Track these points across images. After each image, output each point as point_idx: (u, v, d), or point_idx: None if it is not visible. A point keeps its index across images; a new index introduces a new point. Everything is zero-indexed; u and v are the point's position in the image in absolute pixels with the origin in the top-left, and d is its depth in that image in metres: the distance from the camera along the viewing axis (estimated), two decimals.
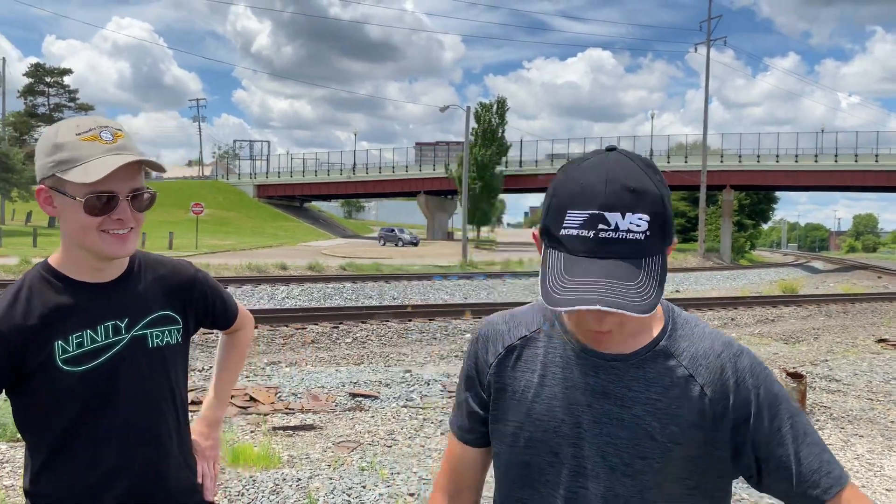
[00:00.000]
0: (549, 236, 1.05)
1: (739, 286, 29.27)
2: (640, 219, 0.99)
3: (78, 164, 1.41)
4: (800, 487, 1.11)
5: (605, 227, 0.98)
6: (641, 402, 1.12)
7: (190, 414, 1.82)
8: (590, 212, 0.99)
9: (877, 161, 49.26)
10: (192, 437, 1.80)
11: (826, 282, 34.44)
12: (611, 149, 1.06)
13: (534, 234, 1.14)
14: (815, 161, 50.54)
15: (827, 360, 10.42)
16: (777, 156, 51.73)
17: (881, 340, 12.75)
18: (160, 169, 1.55)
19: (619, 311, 0.95)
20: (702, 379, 1.13)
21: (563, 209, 1.02)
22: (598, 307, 0.95)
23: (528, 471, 1.19)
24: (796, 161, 51.07)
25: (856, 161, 49.68)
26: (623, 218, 0.98)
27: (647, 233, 0.99)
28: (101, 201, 1.43)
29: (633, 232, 0.98)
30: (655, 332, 1.16)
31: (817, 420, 6.81)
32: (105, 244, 1.46)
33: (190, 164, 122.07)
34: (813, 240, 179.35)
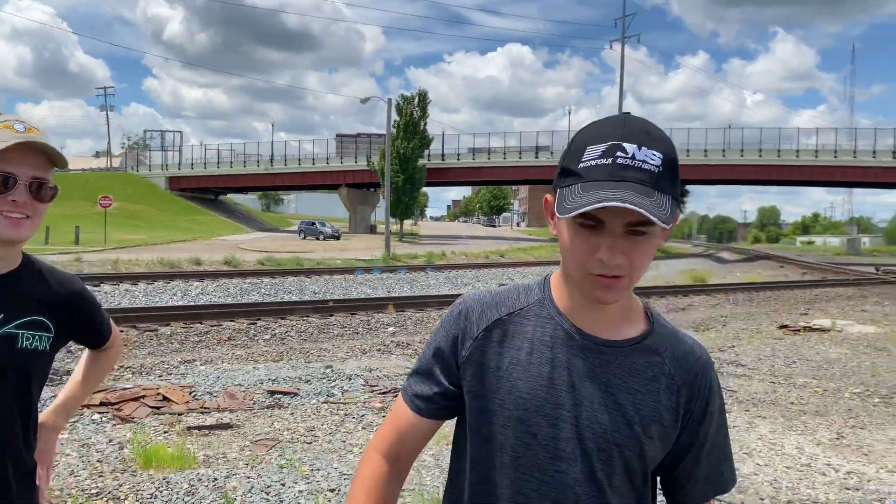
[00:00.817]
0: (566, 173, 1.07)
1: (652, 276, 30.29)
2: (655, 154, 1.03)
3: None
4: (680, 489, 1.25)
5: (623, 155, 1.02)
6: (625, 391, 1.14)
7: (94, 412, 1.74)
8: (609, 143, 1.04)
9: (779, 156, 51.96)
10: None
11: (733, 271, 36.10)
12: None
13: (546, 199, 1.16)
14: (723, 156, 52.87)
15: (734, 346, 10.92)
16: (688, 151, 53.77)
17: (783, 326, 13.46)
18: (62, 163, 1.56)
19: (642, 210, 0.98)
20: (680, 379, 1.17)
21: (583, 146, 1.06)
22: (619, 204, 0.98)
23: (504, 450, 1.17)
24: (706, 156, 53.27)
25: (760, 156, 52.25)
26: (640, 150, 1.03)
27: (661, 168, 1.03)
28: None
29: (648, 163, 1.02)
30: (643, 327, 1.19)
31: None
32: None
33: (97, 154, 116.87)
34: (721, 231, 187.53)
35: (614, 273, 1.05)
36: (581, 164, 1.04)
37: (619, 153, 1.02)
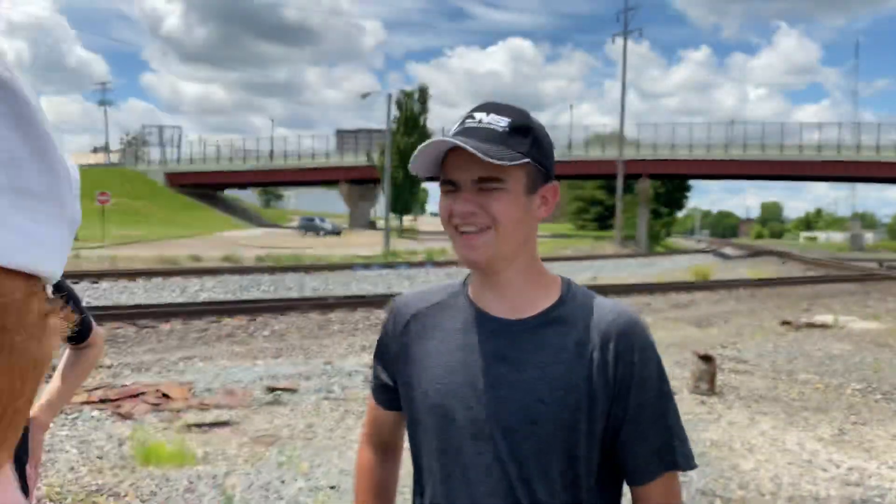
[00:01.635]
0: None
1: (655, 273, 30.27)
2: (502, 119, 1.13)
3: None
4: (626, 467, 1.21)
5: (471, 120, 1.15)
6: (533, 366, 1.15)
7: (94, 409, 1.72)
8: (464, 116, 1.17)
9: (781, 151, 51.82)
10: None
11: (736, 267, 36.04)
12: None
13: None
14: (726, 151, 52.71)
15: (735, 343, 10.90)
16: (690, 146, 53.64)
17: (785, 322, 13.44)
18: None
19: (459, 142, 1.08)
20: (591, 346, 1.16)
21: (448, 132, 1.18)
22: (444, 139, 1.10)
23: (431, 435, 1.20)
24: (708, 151, 53.11)
25: (763, 151, 52.11)
26: (487, 115, 1.14)
27: (507, 129, 1.12)
28: None
29: (493, 125, 1.12)
30: (552, 300, 1.20)
31: (726, 399, 7.10)
32: None
33: (95, 150, 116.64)
34: (724, 227, 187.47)
35: (469, 223, 1.12)
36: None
37: (468, 120, 1.15)
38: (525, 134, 1.13)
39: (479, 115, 1.13)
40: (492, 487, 1.14)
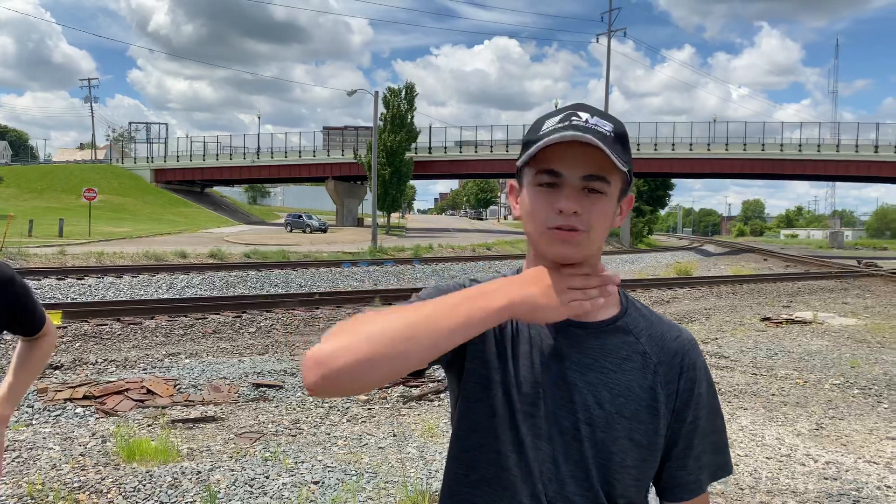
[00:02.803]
0: (528, 145, 1.13)
1: (638, 269, 30.47)
2: (606, 123, 1.11)
3: None
4: (667, 482, 1.21)
5: (577, 119, 1.10)
6: (595, 370, 1.15)
7: (78, 406, 1.74)
8: (564, 113, 1.13)
9: (763, 150, 52.23)
10: None
11: (717, 264, 36.32)
12: None
13: (510, 184, 1.22)
14: (708, 150, 53.04)
15: (717, 339, 11.02)
16: (673, 144, 53.95)
17: (765, 319, 13.59)
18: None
19: (600, 144, 1.05)
20: (656, 358, 1.17)
21: (541, 122, 1.14)
22: (579, 134, 1.05)
23: (491, 424, 1.16)
24: (691, 149, 53.43)
25: (744, 150, 52.48)
26: (592, 117, 1.11)
27: (613, 135, 1.10)
28: None
29: (601, 128, 1.09)
30: (615, 310, 1.20)
31: None
32: None
33: (82, 147, 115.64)
34: (706, 224, 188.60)
35: (572, 224, 1.08)
36: (540, 132, 1.11)
37: (573, 118, 1.10)
38: (625, 142, 1.12)
39: (583, 115, 1.11)
40: (543, 487, 1.14)
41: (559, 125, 1.09)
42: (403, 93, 52.62)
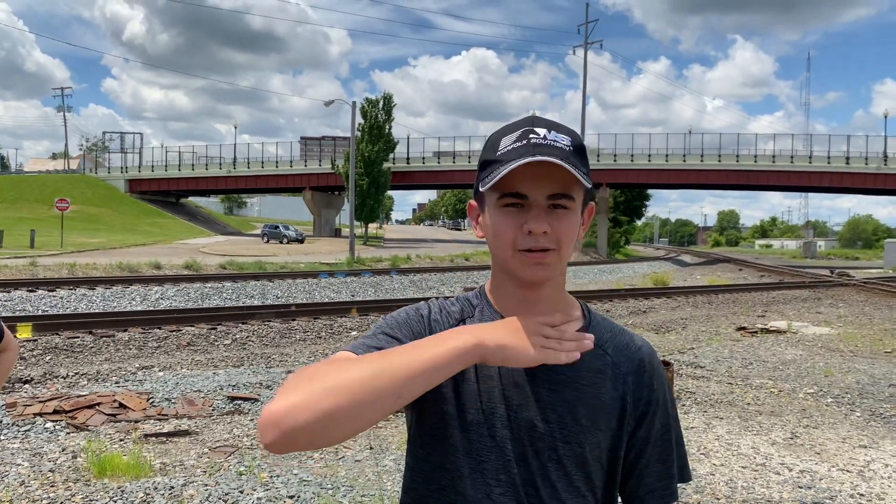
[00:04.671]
0: (485, 166, 1.11)
1: (615, 279, 30.68)
2: (564, 137, 1.09)
3: None
4: (633, 493, 1.22)
5: (536, 136, 1.08)
6: (570, 387, 1.14)
7: (48, 420, 1.70)
8: (521, 130, 1.10)
9: (737, 161, 52.98)
10: None
11: (693, 274, 36.67)
12: None
13: (469, 204, 1.21)
14: (684, 161, 53.70)
15: (693, 348, 11.10)
16: (649, 155, 54.54)
17: (740, 328, 13.73)
18: None
19: (563, 164, 1.03)
20: (625, 368, 1.18)
21: (497, 139, 1.11)
22: (543, 157, 1.03)
23: (460, 452, 1.12)
24: (667, 161, 54.06)
25: (719, 161, 53.20)
26: (549, 132, 1.09)
27: (571, 148, 1.08)
28: None
29: (559, 143, 1.08)
30: (579, 324, 1.15)
31: (683, 405, 7.23)
32: None
33: (54, 156, 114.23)
34: (682, 234, 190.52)
35: (543, 245, 1.07)
36: (499, 153, 1.09)
37: (531, 135, 1.08)
38: (583, 154, 1.11)
39: (540, 132, 1.08)
40: None
41: (518, 144, 1.08)
42: (381, 103, 52.67)
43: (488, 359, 1.02)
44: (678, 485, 1.23)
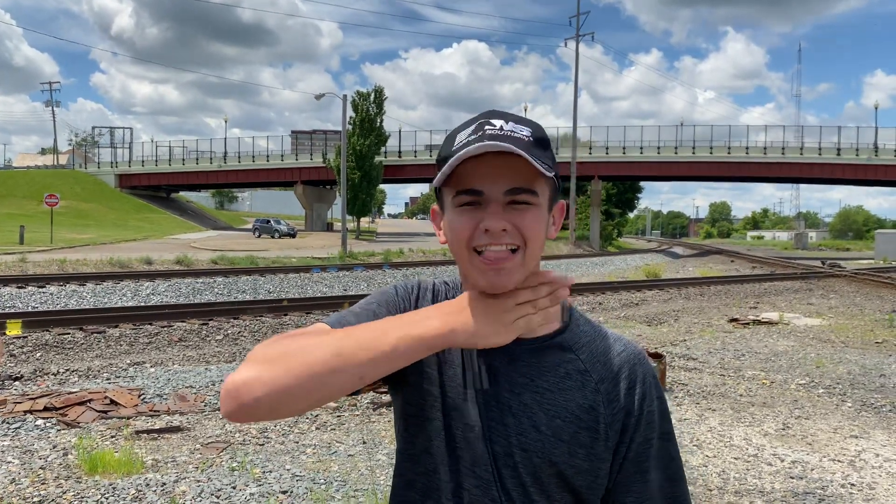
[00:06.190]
0: (442, 162, 1.03)
1: (607, 272, 30.74)
2: (523, 128, 1.02)
3: None
4: None
5: (491, 127, 1.01)
6: (531, 390, 1.06)
7: (38, 418, 1.66)
8: (476, 123, 1.03)
9: (729, 153, 53.15)
10: None
11: (686, 266, 36.80)
12: None
13: (432, 209, 1.14)
14: (676, 153, 53.81)
15: (685, 340, 11.13)
16: (641, 148, 54.62)
17: (732, 320, 13.78)
18: None
19: (520, 151, 0.95)
20: (598, 375, 1.08)
21: (454, 135, 1.05)
22: (497, 143, 0.95)
23: (442, 437, 1.08)
24: (658, 153, 54.16)
25: (711, 153, 53.34)
26: (507, 123, 1.02)
27: (532, 140, 1.01)
28: None
29: (517, 133, 1.00)
30: (556, 325, 1.11)
31: (675, 397, 7.25)
32: None
33: (43, 151, 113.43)
34: (674, 227, 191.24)
35: (503, 241, 0.98)
36: (454, 147, 1.01)
37: (487, 127, 1.01)
38: (546, 146, 1.02)
39: (497, 122, 1.01)
40: None
41: (472, 136, 1.00)
42: (373, 96, 52.44)
43: (460, 343, 0.98)
44: None
